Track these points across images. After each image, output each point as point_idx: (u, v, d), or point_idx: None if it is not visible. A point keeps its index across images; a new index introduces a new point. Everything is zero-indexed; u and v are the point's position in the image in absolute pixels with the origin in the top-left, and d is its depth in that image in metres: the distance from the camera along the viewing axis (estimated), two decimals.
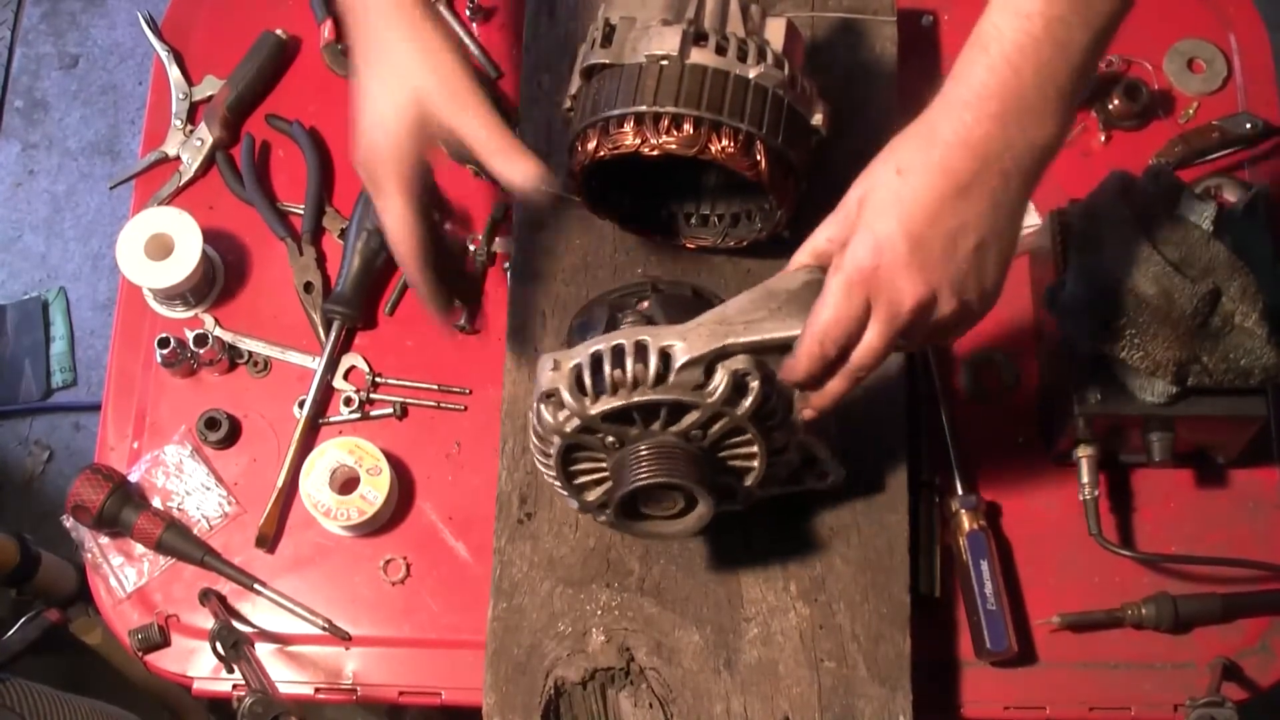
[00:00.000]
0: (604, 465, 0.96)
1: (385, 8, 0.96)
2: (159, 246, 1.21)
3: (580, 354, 0.91)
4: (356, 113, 0.97)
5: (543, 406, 0.92)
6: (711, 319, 0.91)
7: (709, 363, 0.90)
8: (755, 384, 0.90)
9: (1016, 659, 1.12)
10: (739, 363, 0.90)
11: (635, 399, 0.90)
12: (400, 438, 1.21)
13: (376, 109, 0.96)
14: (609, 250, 1.17)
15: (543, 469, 0.98)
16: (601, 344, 0.90)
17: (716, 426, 0.92)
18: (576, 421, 0.91)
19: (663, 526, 0.98)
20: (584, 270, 1.16)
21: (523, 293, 1.16)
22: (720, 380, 0.90)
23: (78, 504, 1.15)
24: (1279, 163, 1.27)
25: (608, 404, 0.90)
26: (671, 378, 0.89)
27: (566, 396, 0.90)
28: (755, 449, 0.95)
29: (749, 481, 0.98)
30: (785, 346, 0.90)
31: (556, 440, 0.93)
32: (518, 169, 0.95)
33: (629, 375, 0.89)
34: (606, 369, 0.90)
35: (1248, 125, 1.26)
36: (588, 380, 0.90)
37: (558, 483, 0.98)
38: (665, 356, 0.89)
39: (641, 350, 0.90)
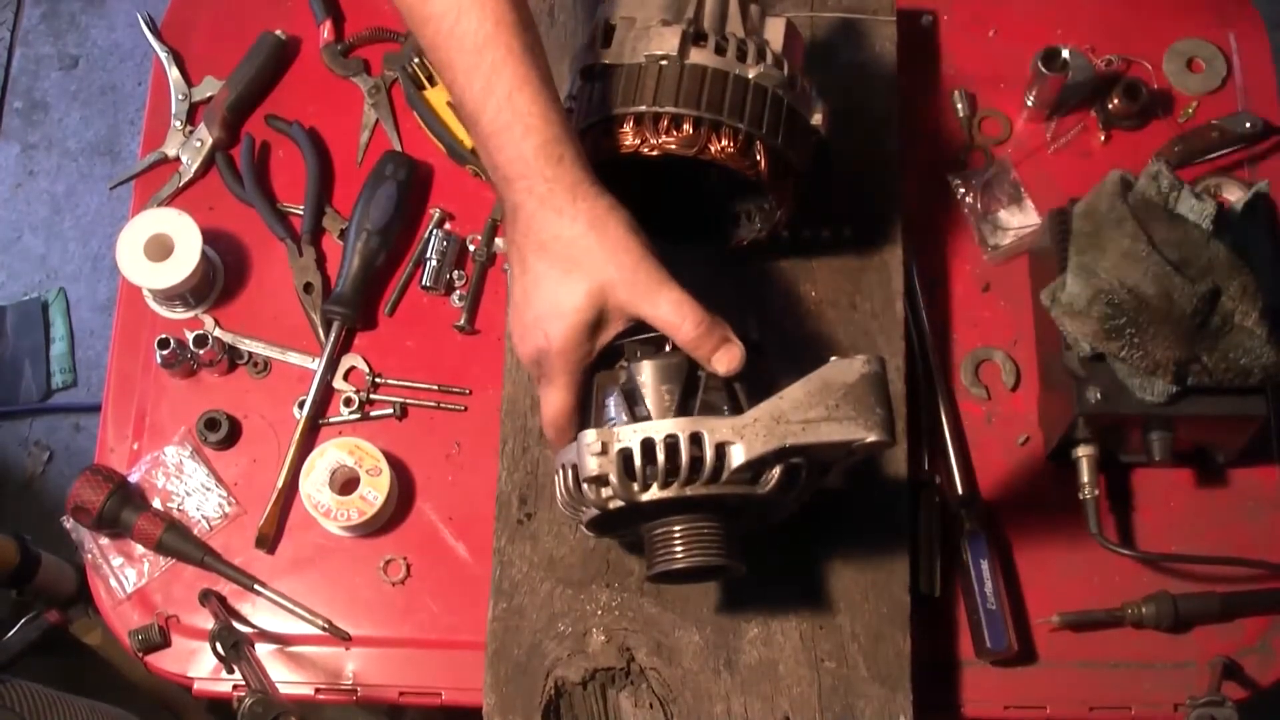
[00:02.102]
0: (637, 527, 0.96)
1: (561, 200, 0.90)
2: (159, 247, 1.21)
3: (629, 438, 0.88)
4: (524, 299, 0.93)
5: (586, 485, 0.90)
6: (767, 414, 0.88)
7: (765, 463, 0.89)
8: (804, 474, 0.90)
9: (1016, 658, 1.12)
10: (794, 458, 0.89)
11: (689, 493, 0.88)
12: (400, 438, 1.21)
13: (553, 300, 0.91)
14: None
15: (567, 513, 0.97)
16: (653, 431, 0.88)
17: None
18: (620, 504, 0.90)
19: (694, 582, 1.00)
20: None
21: None
22: (773, 477, 0.89)
23: (78, 505, 1.15)
24: (1279, 162, 1.27)
25: (659, 495, 0.88)
26: (725, 475, 0.88)
27: (615, 482, 0.88)
28: (785, 507, 0.95)
29: (770, 522, 0.98)
30: (843, 448, 0.89)
31: (593, 510, 0.92)
32: (720, 359, 0.91)
33: (683, 470, 0.87)
34: (660, 459, 0.87)
35: (1247, 124, 1.26)
36: (638, 467, 0.88)
37: (585, 529, 0.97)
38: (720, 452, 0.88)
39: (697, 443, 0.87)
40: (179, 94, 1.33)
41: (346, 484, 1.17)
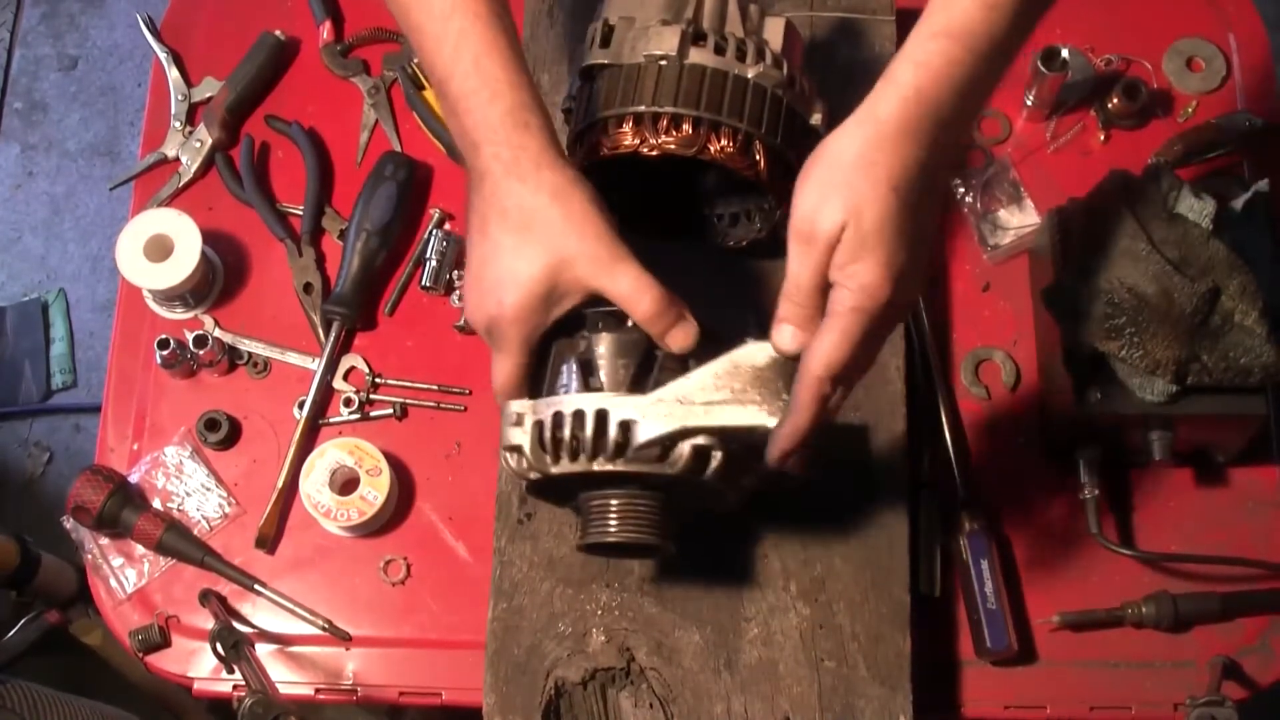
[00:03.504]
0: (576, 496, 0.96)
1: (526, 168, 0.90)
2: (158, 248, 1.21)
3: (544, 411, 0.89)
4: (481, 265, 0.92)
5: (507, 455, 0.92)
6: (672, 394, 0.88)
7: (667, 442, 0.88)
8: (718, 454, 0.89)
9: (1017, 658, 1.12)
10: (700, 438, 0.89)
11: (595, 468, 0.89)
12: (400, 438, 1.21)
13: (510, 268, 0.90)
14: None
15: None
16: (563, 405, 0.89)
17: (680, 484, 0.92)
18: (538, 475, 0.91)
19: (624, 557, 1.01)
20: None
21: None
22: (680, 455, 0.88)
23: (78, 505, 1.15)
24: (1278, 161, 1.27)
25: (568, 468, 0.89)
26: (630, 452, 0.88)
27: (528, 454, 0.90)
28: (721, 490, 0.94)
29: (718, 507, 0.98)
30: (745, 432, 0.89)
31: (524, 479, 0.94)
32: (675, 337, 0.91)
33: (587, 445, 0.88)
34: (566, 433, 0.88)
35: (1246, 124, 1.26)
36: (548, 441, 0.89)
37: (527, 492, 0.99)
38: (625, 428, 0.88)
39: (601, 420, 0.88)
40: (179, 94, 1.33)
41: (346, 484, 1.17)
